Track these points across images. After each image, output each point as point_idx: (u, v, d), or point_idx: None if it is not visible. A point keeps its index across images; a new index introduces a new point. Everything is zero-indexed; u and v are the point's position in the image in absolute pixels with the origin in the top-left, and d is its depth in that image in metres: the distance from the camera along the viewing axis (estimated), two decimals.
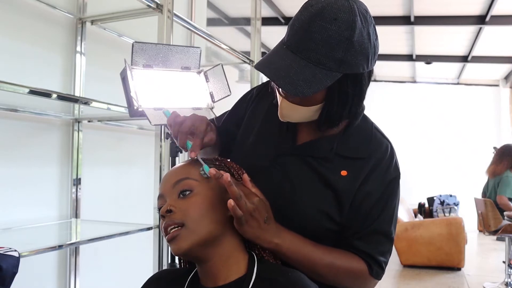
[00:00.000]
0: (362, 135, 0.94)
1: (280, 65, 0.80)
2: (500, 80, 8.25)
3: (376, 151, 0.92)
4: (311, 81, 0.78)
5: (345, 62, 0.79)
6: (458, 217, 4.92)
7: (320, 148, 0.92)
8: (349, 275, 0.90)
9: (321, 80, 0.78)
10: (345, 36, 0.77)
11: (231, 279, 0.82)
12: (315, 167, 0.91)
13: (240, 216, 0.79)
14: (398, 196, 0.94)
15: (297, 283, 0.79)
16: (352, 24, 0.77)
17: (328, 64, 0.78)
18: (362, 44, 0.79)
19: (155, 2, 1.73)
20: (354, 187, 0.90)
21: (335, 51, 0.77)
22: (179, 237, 0.79)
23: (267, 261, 0.86)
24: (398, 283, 4.24)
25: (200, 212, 0.80)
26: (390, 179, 0.92)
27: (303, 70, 0.78)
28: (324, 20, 0.77)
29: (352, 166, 0.90)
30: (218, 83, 1.35)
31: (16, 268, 1.09)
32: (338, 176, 0.90)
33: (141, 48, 1.22)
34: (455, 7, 5.03)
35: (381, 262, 0.91)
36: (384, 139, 0.96)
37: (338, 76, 0.80)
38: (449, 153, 8.40)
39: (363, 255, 0.90)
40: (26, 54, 1.78)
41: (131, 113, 1.19)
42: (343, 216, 0.90)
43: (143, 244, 2.04)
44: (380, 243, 0.91)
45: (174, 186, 0.83)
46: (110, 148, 2.21)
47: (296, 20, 0.81)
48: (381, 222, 0.91)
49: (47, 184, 1.88)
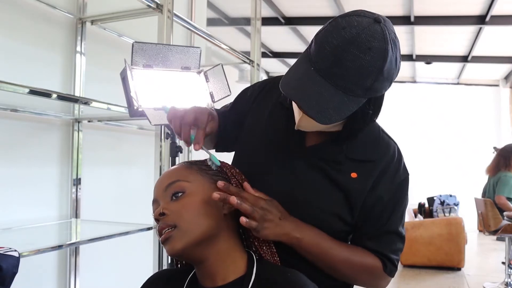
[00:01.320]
0: (369, 138, 0.95)
1: (310, 93, 0.78)
2: (500, 80, 8.25)
3: (385, 155, 0.93)
4: (339, 108, 0.78)
5: (372, 89, 0.79)
6: (458, 217, 4.92)
7: (330, 151, 0.92)
8: (365, 271, 0.91)
9: (348, 105, 0.78)
10: (377, 67, 0.76)
11: (230, 279, 0.81)
12: (326, 169, 0.91)
13: (256, 227, 0.82)
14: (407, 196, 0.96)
15: (296, 283, 0.79)
16: (385, 54, 0.76)
17: (356, 91, 0.78)
18: (390, 71, 0.78)
19: (155, 2, 1.73)
20: (365, 189, 0.91)
21: (366, 80, 0.77)
22: (173, 238, 0.79)
23: (265, 261, 0.86)
24: (398, 283, 4.24)
25: (193, 213, 0.80)
26: (399, 182, 0.93)
27: (333, 98, 0.77)
28: (358, 49, 0.75)
29: (362, 168, 0.91)
30: (218, 83, 1.35)
31: (16, 268, 1.09)
32: (348, 178, 0.90)
33: (141, 48, 1.22)
34: (455, 7, 5.03)
35: (393, 260, 0.93)
36: (391, 142, 0.98)
37: (364, 101, 0.80)
38: (449, 153, 8.39)
39: (376, 254, 0.92)
40: (26, 54, 1.78)
41: (131, 113, 1.19)
42: (354, 217, 0.91)
43: (143, 244, 2.04)
44: (392, 242, 0.93)
45: (166, 189, 0.83)
46: (110, 148, 2.21)
47: (327, 43, 0.77)
48: (393, 222, 0.93)
49: (47, 184, 1.88)
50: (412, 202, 6.33)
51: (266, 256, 0.87)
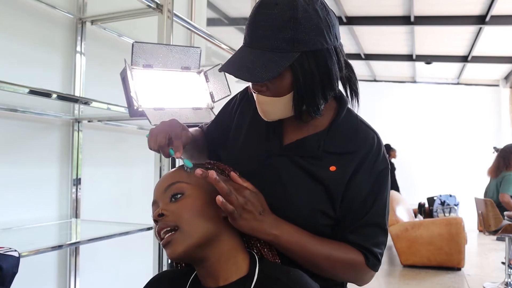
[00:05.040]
0: (348, 129, 0.94)
1: (238, 60, 0.85)
2: (500, 80, 8.25)
3: (364, 144, 0.92)
4: (267, 65, 0.81)
5: (297, 40, 0.81)
6: (458, 217, 4.91)
7: (307, 146, 0.92)
8: (347, 266, 0.90)
9: (278, 62, 0.81)
10: (288, 16, 0.80)
11: (232, 279, 0.81)
12: (304, 165, 0.91)
13: (232, 211, 0.79)
14: (388, 188, 0.94)
15: (298, 282, 0.79)
16: (293, 3, 0.81)
17: (281, 46, 0.81)
18: (310, 20, 0.81)
19: (155, 2, 1.73)
20: (344, 181, 0.90)
21: (284, 32, 0.81)
22: (174, 241, 0.79)
23: (267, 261, 0.86)
24: (398, 283, 4.24)
25: (192, 213, 0.80)
26: (379, 171, 0.92)
27: (259, 58, 0.82)
28: (266, 7, 0.82)
29: (341, 161, 0.91)
30: (218, 83, 1.35)
31: (16, 268, 1.09)
32: (327, 172, 0.90)
33: (141, 48, 1.23)
34: (455, 7, 5.03)
35: (376, 254, 0.91)
36: (370, 131, 0.96)
37: (296, 55, 0.82)
38: (449, 153, 8.40)
39: (358, 247, 0.90)
40: (26, 54, 1.78)
41: (131, 113, 1.19)
42: (336, 211, 0.90)
43: (143, 244, 2.04)
44: (374, 235, 0.91)
45: (166, 191, 0.83)
46: (110, 148, 2.21)
47: (247, 20, 0.86)
48: (374, 214, 0.91)
49: (47, 184, 1.88)
50: (412, 202, 6.37)
51: (267, 257, 0.87)
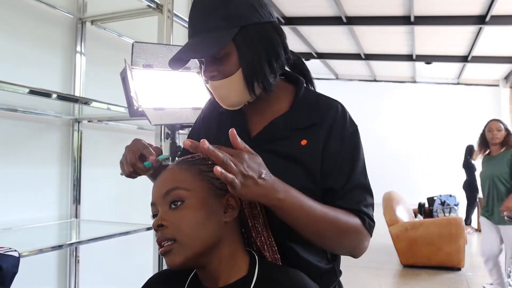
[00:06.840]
0: (309, 103, 0.96)
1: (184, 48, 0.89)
2: (500, 80, 8.25)
3: (328, 113, 0.94)
4: (209, 43, 0.85)
5: (231, 16, 0.86)
6: (458, 217, 4.91)
7: (274, 129, 0.93)
8: (350, 230, 0.88)
9: (218, 39, 0.85)
10: None
11: (232, 280, 0.81)
12: (276, 149, 0.91)
13: (231, 181, 0.72)
14: (362, 148, 0.96)
15: (298, 282, 0.79)
16: None
17: (217, 24, 0.86)
18: None
19: (155, 2, 1.73)
20: (318, 152, 0.90)
21: (217, 11, 0.86)
22: (173, 252, 0.77)
23: (267, 261, 0.85)
24: (398, 283, 4.25)
25: (192, 226, 0.78)
26: (349, 135, 0.93)
27: (201, 41, 0.87)
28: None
29: (310, 134, 0.92)
30: None
31: (16, 268, 1.09)
32: (300, 148, 0.91)
33: (141, 48, 1.23)
34: (455, 7, 5.03)
35: (369, 214, 0.91)
36: (331, 100, 0.98)
37: (235, 31, 0.86)
38: (449, 153, 8.40)
39: (352, 211, 0.89)
40: (26, 54, 1.78)
41: (131, 113, 1.19)
42: (317, 185, 0.90)
43: (143, 244, 2.04)
44: (361, 197, 0.91)
45: (165, 197, 0.81)
46: (110, 148, 2.21)
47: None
48: (356, 176, 0.91)
49: (47, 184, 1.88)
50: (412, 202, 6.37)
51: (267, 253, 0.86)
